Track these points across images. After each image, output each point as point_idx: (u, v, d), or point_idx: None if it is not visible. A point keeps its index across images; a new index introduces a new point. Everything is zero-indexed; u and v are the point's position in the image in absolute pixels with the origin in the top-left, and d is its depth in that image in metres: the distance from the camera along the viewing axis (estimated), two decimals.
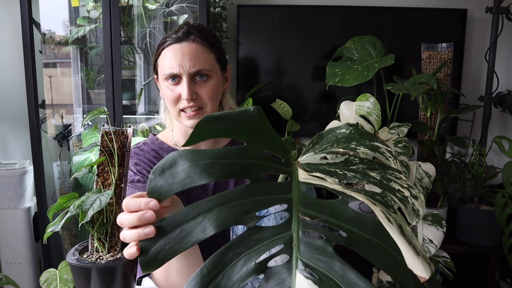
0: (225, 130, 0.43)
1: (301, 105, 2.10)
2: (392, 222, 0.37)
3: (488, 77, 1.99)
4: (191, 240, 0.38)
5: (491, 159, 2.07)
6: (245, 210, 0.40)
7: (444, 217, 1.49)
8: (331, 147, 0.53)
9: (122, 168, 0.72)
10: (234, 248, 0.38)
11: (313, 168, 0.49)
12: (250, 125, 0.45)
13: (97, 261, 0.68)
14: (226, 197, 0.41)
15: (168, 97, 0.96)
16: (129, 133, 0.74)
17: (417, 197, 0.46)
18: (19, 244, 1.95)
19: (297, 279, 0.35)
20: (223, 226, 0.39)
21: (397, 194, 0.46)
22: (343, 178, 0.46)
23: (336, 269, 0.35)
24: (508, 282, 2.00)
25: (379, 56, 1.73)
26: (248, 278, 0.36)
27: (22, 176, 1.94)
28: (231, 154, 0.43)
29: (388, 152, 0.54)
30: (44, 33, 1.96)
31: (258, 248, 0.38)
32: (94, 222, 0.69)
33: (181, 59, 0.93)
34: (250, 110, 0.45)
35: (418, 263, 0.34)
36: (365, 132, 0.56)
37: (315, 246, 0.37)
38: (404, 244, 0.35)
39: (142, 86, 1.95)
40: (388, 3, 2.09)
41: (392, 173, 0.49)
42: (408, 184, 0.47)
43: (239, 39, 2.04)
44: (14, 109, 2.10)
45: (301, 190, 0.44)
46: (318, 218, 0.40)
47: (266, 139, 0.46)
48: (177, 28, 0.98)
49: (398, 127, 1.48)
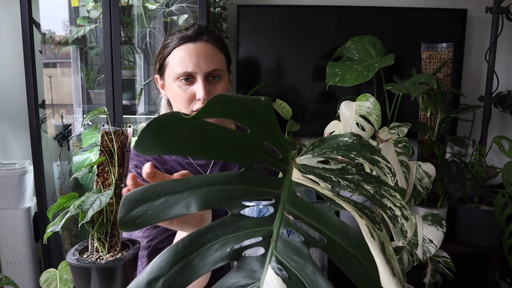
0: (234, 113, 0.43)
1: (301, 105, 2.10)
2: (375, 238, 0.37)
3: (488, 77, 1.99)
4: (173, 212, 0.38)
5: (491, 159, 2.07)
6: (233, 196, 0.40)
7: (444, 217, 1.49)
8: (331, 153, 0.53)
9: (122, 168, 0.72)
10: (214, 230, 0.38)
11: (309, 170, 0.48)
12: (259, 114, 0.45)
13: (97, 261, 0.68)
14: (217, 179, 0.41)
15: (180, 97, 0.94)
16: (129, 133, 0.74)
17: (408, 219, 0.45)
18: (19, 244, 1.95)
19: (267, 273, 0.35)
20: (207, 206, 0.39)
21: (387, 212, 0.45)
22: (336, 185, 0.46)
23: (307, 272, 0.35)
24: (508, 282, 2.00)
25: (379, 56, 1.73)
26: (221, 263, 0.36)
27: (22, 176, 1.94)
28: (232, 137, 0.43)
29: (387, 168, 0.54)
30: (44, 33, 1.96)
31: (237, 236, 0.38)
32: (94, 222, 0.69)
33: (196, 58, 0.92)
34: (261, 100, 0.45)
35: (392, 284, 0.33)
36: (367, 145, 0.55)
37: (292, 245, 0.37)
38: (383, 262, 0.34)
39: (142, 86, 1.95)
40: (388, 3, 2.09)
41: (387, 189, 0.48)
42: (401, 204, 0.47)
43: (239, 39, 2.04)
44: (14, 109, 2.10)
45: (291, 189, 0.44)
46: (302, 219, 0.40)
47: (270, 132, 0.46)
48: (185, 27, 0.96)
49: (398, 127, 1.48)
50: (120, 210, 0.37)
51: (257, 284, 0.35)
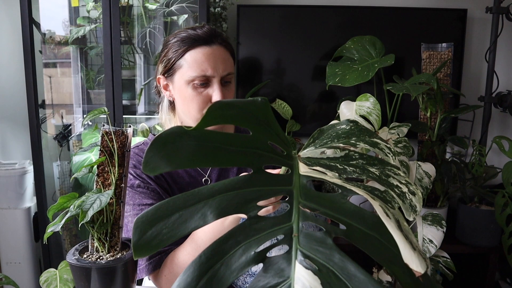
0: (235, 117, 0.43)
1: (301, 105, 2.10)
2: (390, 216, 0.38)
3: (488, 77, 1.99)
4: (190, 226, 0.37)
5: (491, 159, 2.07)
6: (247, 199, 0.40)
7: (444, 217, 1.49)
8: (332, 142, 0.54)
9: (122, 168, 0.72)
10: (234, 236, 0.37)
11: (314, 162, 0.49)
12: (257, 115, 0.45)
13: (97, 261, 0.68)
14: (228, 185, 0.41)
15: (194, 100, 0.92)
16: (129, 133, 0.74)
17: (415, 193, 0.47)
18: (19, 244, 1.95)
19: (296, 269, 0.35)
20: (224, 214, 0.38)
21: (395, 190, 0.47)
22: (343, 173, 0.47)
23: (335, 261, 0.35)
24: (508, 282, 2.00)
25: (379, 56, 1.73)
26: (247, 267, 0.36)
27: (22, 176, 1.94)
28: (237, 141, 0.43)
29: (387, 148, 0.55)
30: (44, 33, 1.96)
31: (258, 238, 0.38)
32: (94, 222, 0.69)
33: (214, 61, 0.91)
34: (258, 100, 0.45)
35: (414, 258, 0.34)
36: (365, 129, 0.56)
37: (314, 237, 0.37)
38: (401, 238, 0.35)
39: (142, 86, 1.95)
40: (388, 3, 2.09)
41: (391, 169, 0.50)
42: (406, 180, 0.48)
43: (239, 39, 2.04)
44: (14, 109, 2.10)
45: (301, 182, 0.44)
46: (318, 210, 0.40)
47: (271, 130, 0.46)
48: (192, 27, 0.95)
49: (398, 127, 1.48)
50: (133, 234, 0.35)
51: (288, 281, 0.35)
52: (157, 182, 0.96)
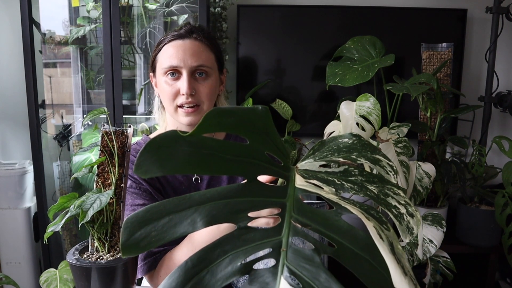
0: (233, 125, 0.42)
1: (301, 105, 2.10)
2: (384, 239, 0.37)
3: (488, 77, 1.99)
4: (178, 231, 0.37)
5: (491, 159, 2.07)
6: (238, 209, 0.40)
7: (444, 217, 1.49)
8: (332, 155, 0.53)
9: (122, 168, 0.72)
10: (222, 245, 0.37)
11: (311, 175, 0.48)
12: (256, 124, 0.44)
13: (97, 261, 0.68)
14: (220, 193, 0.40)
15: (166, 93, 0.95)
16: (129, 133, 0.74)
17: (413, 215, 0.46)
18: (19, 244, 1.95)
19: (281, 284, 0.35)
20: (213, 222, 0.38)
21: (393, 210, 0.46)
22: (340, 188, 0.46)
23: (321, 280, 0.35)
24: (508, 282, 2.00)
25: (379, 56, 1.73)
26: (232, 278, 0.35)
27: (22, 176, 1.94)
28: (233, 150, 0.42)
29: (389, 166, 0.54)
30: (44, 33, 1.96)
31: (246, 249, 0.37)
32: (94, 222, 0.69)
33: (182, 53, 0.93)
34: (258, 109, 0.44)
35: (404, 284, 0.34)
36: (367, 144, 0.55)
37: (303, 254, 0.37)
38: (393, 262, 0.35)
39: (142, 86, 1.95)
40: (388, 3, 2.09)
41: (391, 188, 0.48)
42: (405, 201, 0.47)
43: (239, 39, 2.04)
44: (14, 109, 2.10)
45: (296, 196, 0.44)
46: (310, 226, 0.40)
47: (269, 140, 0.46)
48: (179, 27, 0.99)
49: (398, 127, 1.48)
50: (122, 234, 0.36)
51: None
52: (149, 182, 0.97)
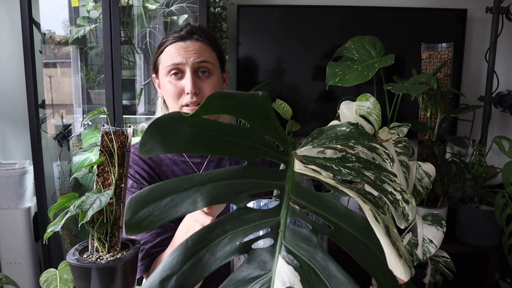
0: (234, 108, 0.43)
1: (301, 105, 2.10)
2: (380, 222, 0.38)
3: (488, 77, 1.99)
4: (180, 210, 0.38)
5: (491, 159, 2.07)
6: (238, 190, 0.41)
7: (444, 217, 1.49)
8: (330, 142, 0.54)
9: (122, 168, 0.72)
10: (222, 225, 0.38)
11: (310, 160, 0.49)
12: (257, 108, 0.45)
13: (97, 261, 0.68)
14: (221, 174, 0.41)
15: (170, 92, 0.96)
16: (129, 133, 0.74)
17: (409, 202, 0.47)
18: (19, 244, 1.95)
19: (278, 263, 0.36)
20: (214, 202, 0.39)
21: (389, 196, 0.46)
22: (338, 174, 0.47)
23: (318, 259, 0.36)
24: (508, 282, 2.00)
25: (379, 56, 1.73)
26: (231, 256, 0.36)
27: (22, 176, 1.94)
28: (234, 132, 0.43)
29: (386, 154, 0.55)
30: (44, 33, 1.96)
31: (245, 229, 0.38)
32: (94, 222, 0.69)
33: (184, 53, 0.94)
34: (258, 94, 0.45)
35: (399, 265, 0.34)
36: (364, 132, 0.56)
37: (300, 234, 0.38)
38: (388, 245, 0.35)
39: (142, 86, 1.95)
40: (388, 3, 2.09)
41: (387, 175, 0.49)
42: (401, 188, 0.48)
43: (239, 39, 2.04)
44: (14, 109, 2.10)
45: (295, 179, 0.45)
46: (308, 208, 0.41)
47: (270, 125, 0.47)
48: (179, 28, 0.99)
49: (398, 127, 1.48)
50: (126, 213, 0.37)
51: (269, 274, 0.35)
52: (150, 182, 0.98)
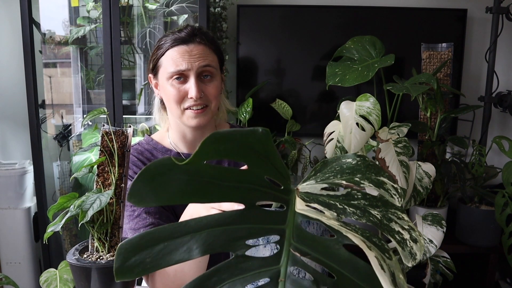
0: (231, 151, 0.40)
1: (301, 105, 2.10)
2: (385, 269, 0.36)
3: (488, 77, 1.99)
4: (174, 258, 0.36)
5: (491, 159, 2.07)
6: (236, 237, 0.39)
7: (444, 217, 1.49)
8: (334, 177, 0.51)
9: (122, 168, 0.72)
10: (219, 273, 0.36)
11: (312, 198, 0.47)
12: (256, 147, 0.42)
13: (97, 261, 0.68)
14: (218, 220, 0.39)
15: (172, 96, 0.95)
16: (129, 133, 0.74)
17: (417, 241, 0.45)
18: (19, 244, 1.95)
19: None
20: (210, 251, 0.37)
21: (396, 236, 0.44)
22: (342, 213, 0.45)
23: None
24: (508, 282, 2.00)
25: (379, 56, 1.73)
26: None
27: (22, 176, 1.94)
28: (231, 176, 0.41)
29: (394, 189, 0.52)
30: (44, 33, 1.96)
31: (243, 278, 0.37)
32: (94, 222, 0.69)
33: (189, 57, 0.94)
34: (258, 131, 0.42)
35: None
36: (372, 165, 0.53)
37: (301, 285, 0.36)
38: None
39: (142, 86, 1.95)
40: (388, 3, 2.09)
41: (395, 212, 0.47)
42: (409, 226, 0.46)
43: (239, 39, 2.04)
44: (14, 109, 2.10)
45: (296, 222, 0.42)
46: (310, 255, 0.39)
47: (269, 163, 0.44)
48: (179, 29, 0.98)
49: (398, 127, 1.48)
50: (115, 260, 0.35)
51: None
52: None
